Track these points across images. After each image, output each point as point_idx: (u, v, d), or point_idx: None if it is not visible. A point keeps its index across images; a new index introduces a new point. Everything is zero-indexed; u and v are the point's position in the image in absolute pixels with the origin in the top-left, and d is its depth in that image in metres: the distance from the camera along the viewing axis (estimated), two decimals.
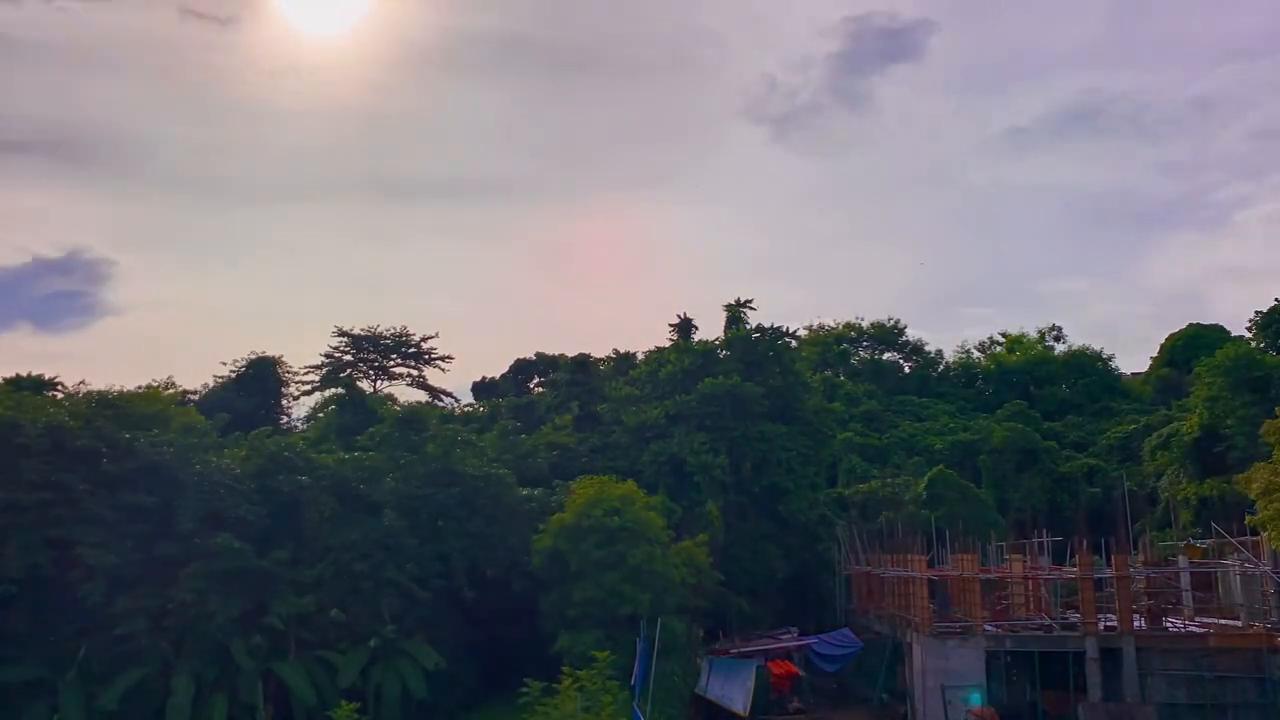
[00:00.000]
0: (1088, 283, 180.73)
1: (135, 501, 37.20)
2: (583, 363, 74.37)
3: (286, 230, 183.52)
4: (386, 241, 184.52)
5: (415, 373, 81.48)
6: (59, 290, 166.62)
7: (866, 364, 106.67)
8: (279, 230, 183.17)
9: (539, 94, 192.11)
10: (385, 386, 79.37)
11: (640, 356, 74.47)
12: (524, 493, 49.41)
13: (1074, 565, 44.30)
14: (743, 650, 46.19)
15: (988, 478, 72.10)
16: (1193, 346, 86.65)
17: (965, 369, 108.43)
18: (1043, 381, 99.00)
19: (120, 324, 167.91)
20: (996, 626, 41.23)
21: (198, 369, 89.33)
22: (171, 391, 52.67)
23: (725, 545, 52.25)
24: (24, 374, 50.96)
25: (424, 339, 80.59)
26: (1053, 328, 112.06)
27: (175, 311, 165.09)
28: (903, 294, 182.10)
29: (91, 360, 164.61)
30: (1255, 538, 39.20)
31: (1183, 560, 44.14)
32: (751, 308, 68.80)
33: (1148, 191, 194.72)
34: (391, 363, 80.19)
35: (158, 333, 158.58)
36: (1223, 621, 39.66)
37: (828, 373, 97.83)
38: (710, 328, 71.47)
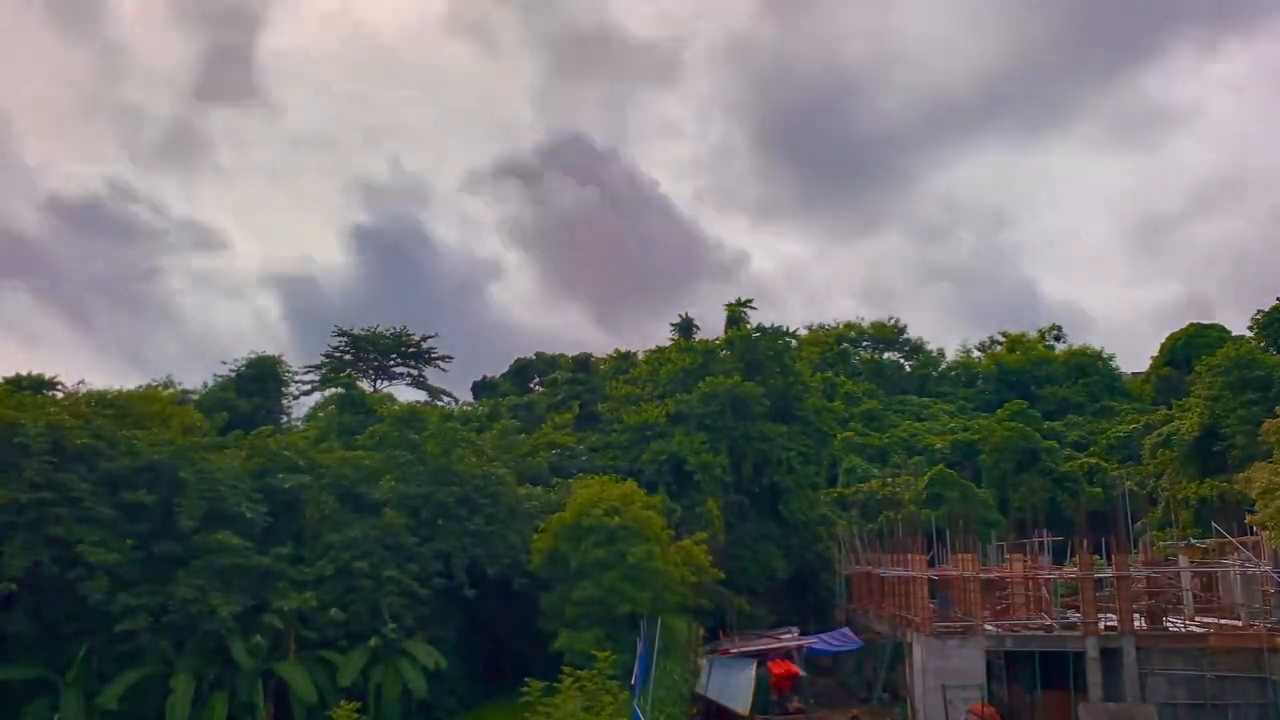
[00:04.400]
0: None
1: (135, 500, 37.23)
2: (583, 362, 74.42)
3: None
4: None
5: (415, 372, 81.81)
6: None
7: (866, 364, 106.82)
8: None
9: None
10: (385, 386, 79.66)
11: (640, 356, 74.52)
12: (524, 492, 49.40)
13: (1074, 565, 44.27)
14: (743, 650, 46.14)
15: (988, 477, 72.09)
16: (1193, 346, 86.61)
17: (965, 369, 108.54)
18: (1043, 381, 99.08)
19: None
20: (997, 626, 41.19)
21: None
22: (170, 391, 52.84)
23: (725, 545, 52.17)
24: (24, 374, 50.97)
25: (423, 339, 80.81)
26: (1053, 327, 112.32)
27: None
28: None
29: None
30: (1255, 538, 39.13)
31: (1183, 560, 44.10)
32: (752, 307, 68.91)
33: None
34: (391, 362, 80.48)
35: None
36: (1223, 621, 39.58)
37: (828, 373, 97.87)
38: (711, 327, 71.56)
